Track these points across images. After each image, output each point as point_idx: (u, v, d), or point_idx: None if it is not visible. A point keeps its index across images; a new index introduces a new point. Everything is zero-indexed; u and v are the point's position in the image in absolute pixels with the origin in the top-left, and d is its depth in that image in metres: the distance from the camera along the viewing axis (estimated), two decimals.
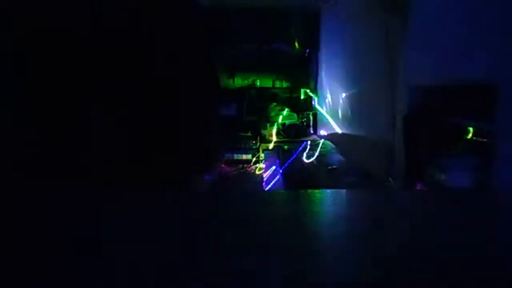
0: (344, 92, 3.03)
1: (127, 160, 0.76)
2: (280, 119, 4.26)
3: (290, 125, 4.17)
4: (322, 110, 3.74)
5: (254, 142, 3.74)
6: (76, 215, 0.43)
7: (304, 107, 4.37)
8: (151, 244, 0.35)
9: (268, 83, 4.64)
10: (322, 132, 3.72)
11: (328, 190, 0.53)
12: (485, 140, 1.22)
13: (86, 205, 0.46)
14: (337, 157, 2.81)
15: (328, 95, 3.39)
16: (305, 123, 4.22)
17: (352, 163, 2.53)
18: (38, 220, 0.41)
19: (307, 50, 4.30)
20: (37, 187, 0.64)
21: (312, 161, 2.83)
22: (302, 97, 4.47)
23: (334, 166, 2.59)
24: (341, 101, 3.12)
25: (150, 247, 0.35)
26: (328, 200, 0.48)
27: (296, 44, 4.34)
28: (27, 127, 0.69)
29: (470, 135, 1.35)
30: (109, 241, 0.36)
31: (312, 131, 4.07)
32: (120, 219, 0.42)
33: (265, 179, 2.64)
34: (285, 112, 4.40)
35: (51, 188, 0.63)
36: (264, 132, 4.08)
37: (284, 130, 4.13)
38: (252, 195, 0.60)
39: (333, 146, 3.04)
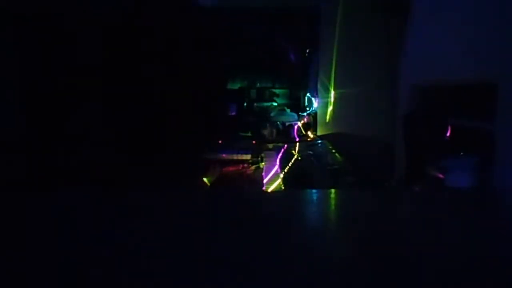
0: (344, 92, 3.03)
1: (129, 160, 0.76)
2: (280, 119, 4.25)
3: (290, 125, 4.18)
4: (322, 110, 3.74)
5: (254, 142, 3.74)
6: (77, 214, 0.43)
7: (304, 107, 4.37)
8: (150, 244, 0.35)
9: (268, 83, 4.65)
10: (322, 132, 3.71)
11: (328, 190, 0.53)
12: (485, 140, 1.21)
13: (87, 204, 0.46)
14: (336, 157, 2.81)
15: (328, 95, 3.39)
16: (305, 123, 4.23)
17: (351, 163, 2.53)
18: (38, 220, 0.41)
19: (307, 51, 4.31)
20: (38, 186, 0.64)
21: (312, 161, 2.82)
22: (302, 97, 4.47)
23: (335, 166, 2.58)
24: (341, 101, 3.12)
25: (150, 246, 0.34)
26: (327, 200, 0.48)
27: (296, 45, 4.35)
28: (28, 127, 0.68)
29: (470, 135, 1.35)
30: (109, 241, 0.36)
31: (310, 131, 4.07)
32: (120, 219, 0.42)
33: (265, 180, 2.63)
34: (285, 112, 4.40)
35: (51, 188, 0.63)
36: (264, 132, 4.08)
37: (284, 130, 4.14)
38: (252, 195, 0.60)
39: (333, 146, 3.04)
